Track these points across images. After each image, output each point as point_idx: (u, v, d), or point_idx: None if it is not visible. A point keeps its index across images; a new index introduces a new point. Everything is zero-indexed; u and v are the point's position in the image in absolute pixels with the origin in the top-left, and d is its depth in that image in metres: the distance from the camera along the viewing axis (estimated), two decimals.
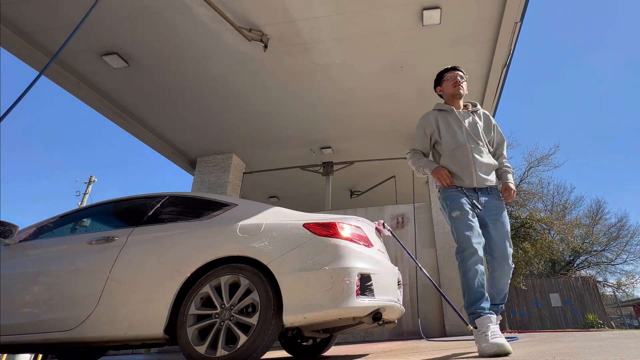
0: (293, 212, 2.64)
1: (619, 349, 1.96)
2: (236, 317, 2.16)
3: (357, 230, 2.49)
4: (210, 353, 2.10)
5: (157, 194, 2.98)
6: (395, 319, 2.69)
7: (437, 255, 6.06)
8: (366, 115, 6.57)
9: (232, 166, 7.56)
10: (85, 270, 2.49)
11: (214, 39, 4.87)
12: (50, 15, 4.49)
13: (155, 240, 2.53)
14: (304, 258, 2.22)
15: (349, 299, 2.11)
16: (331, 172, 7.86)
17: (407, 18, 4.63)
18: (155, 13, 4.50)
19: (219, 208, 2.69)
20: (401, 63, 5.39)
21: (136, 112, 6.36)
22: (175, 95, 5.94)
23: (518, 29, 4.82)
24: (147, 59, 5.19)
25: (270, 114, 6.48)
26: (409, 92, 6.01)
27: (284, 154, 7.76)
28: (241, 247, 2.32)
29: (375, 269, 2.36)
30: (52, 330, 2.35)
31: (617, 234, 20.74)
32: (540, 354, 1.92)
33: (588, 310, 16.55)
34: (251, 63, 5.31)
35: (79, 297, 2.40)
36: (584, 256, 20.60)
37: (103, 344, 2.35)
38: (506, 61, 5.34)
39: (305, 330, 2.34)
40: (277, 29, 4.74)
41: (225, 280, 2.27)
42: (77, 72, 5.39)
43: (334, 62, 5.34)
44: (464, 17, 4.65)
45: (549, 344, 2.68)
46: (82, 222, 2.96)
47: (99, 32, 4.72)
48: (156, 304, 2.28)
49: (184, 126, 6.76)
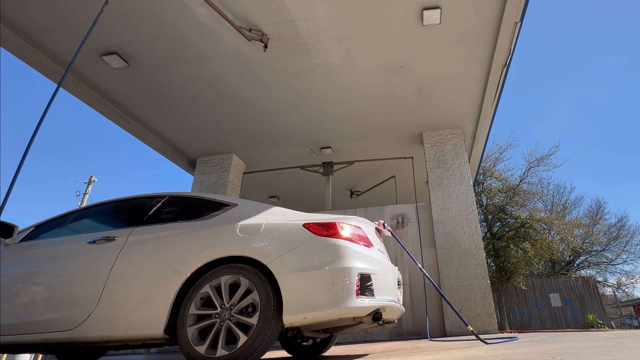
0: (293, 212, 2.64)
1: (619, 349, 1.96)
2: (236, 317, 2.16)
3: (357, 230, 2.49)
4: (210, 353, 2.09)
5: (157, 194, 2.98)
6: (395, 319, 2.69)
7: (437, 255, 6.06)
8: (366, 115, 6.56)
9: (232, 166, 7.56)
10: (85, 270, 2.49)
11: (214, 39, 4.87)
12: (51, 15, 4.49)
13: (155, 241, 2.53)
14: (304, 258, 2.22)
15: (349, 299, 2.11)
16: (331, 172, 7.86)
17: (407, 18, 4.63)
18: (155, 13, 4.50)
19: (219, 208, 2.69)
20: (401, 63, 5.39)
21: (136, 112, 6.36)
22: (176, 95, 5.94)
23: (518, 29, 4.82)
24: (147, 59, 5.18)
25: (270, 114, 6.48)
26: (409, 92, 6.01)
27: (284, 154, 7.76)
28: (241, 247, 2.32)
29: (375, 269, 2.36)
30: (52, 330, 2.35)
31: (617, 234, 20.77)
32: (540, 354, 1.92)
33: (588, 310, 16.55)
34: (251, 63, 5.31)
35: (79, 297, 2.40)
36: (584, 256, 20.61)
37: (103, 344, 2.35)
38: (506, 61, 5.34)
39: (305, 330, 2.34)
40: (277, 29, 4.74)
41: (225, 280, 2.27)
42: (77, 72, 5.39)
43: (334, 62, 5.34)
44: (464, 17, 4.65)
45: (549, 344, 2.68)
46: (82, 222, 2.96)
47: (99, 32, 4.72)
48: (156, 304, 2.28)
49: (184, 126, 6.76)
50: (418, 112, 6.52)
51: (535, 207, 16.11)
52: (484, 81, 5.80)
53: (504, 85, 5.92)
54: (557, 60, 68.53)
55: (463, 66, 5.49)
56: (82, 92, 5.68)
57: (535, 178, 16.99)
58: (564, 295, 17.21)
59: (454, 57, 5.30)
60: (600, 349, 2.03)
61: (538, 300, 17.16)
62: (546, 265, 20.77)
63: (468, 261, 5.91)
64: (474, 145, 7.60)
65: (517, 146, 32.55)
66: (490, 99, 6.15)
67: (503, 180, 15.86)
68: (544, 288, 17.48)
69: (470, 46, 5.11)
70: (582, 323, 15.60)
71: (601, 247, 20.38)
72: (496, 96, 6.11)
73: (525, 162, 18.00)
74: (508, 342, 3.26)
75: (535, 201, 16.48)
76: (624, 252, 20.43)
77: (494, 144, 20.94)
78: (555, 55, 67.74)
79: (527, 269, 15.50)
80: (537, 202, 17.12)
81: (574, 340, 3.15)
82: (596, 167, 57.37)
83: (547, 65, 67.64)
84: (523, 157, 37.76)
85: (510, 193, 15.42)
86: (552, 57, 66.93)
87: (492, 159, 16.56)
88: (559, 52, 68.92)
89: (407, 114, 6.58)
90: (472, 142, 7.52)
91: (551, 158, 17.00)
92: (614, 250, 20.54)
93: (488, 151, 16.45)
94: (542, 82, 70.80)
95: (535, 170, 16.78)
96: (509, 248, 14.36)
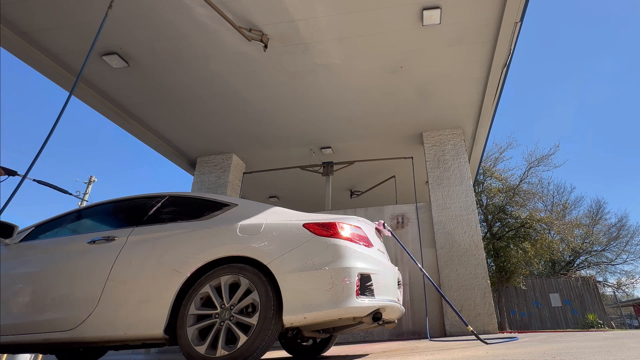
0: (293, 212, 2.64)
1: (619, 349, 1.96)
2: (236, 317, 2.16)
3: (357, 230, 2.49)
4: (210, 353, 2.09)
5: (157, 194, 2.98)
6: (395, 319, 2.69)
7: (437, 255, 6.06)
8: (366, 115, 6.57)
9: (232, 166, 7.56)
10: (85, 270, 2.49)
11: (213, 39, 4.87)
12: (51, 15, 4.49)
13: (155, 241, 2.53)
14: (304, 258, 2.22)
15: (349, 299, 2.11)
16: (331, 172, 7.86)
17: (407, 18, 4.63)
18: (155, 13, 4.50)
19: (219, 208, 2.69)
20: (401, 63, 5.39)
21: (136, 112, 6.36)
22: (175, 95, 5.94)
23: (518, 29, 4.82)
24: (147, 59, 5.18)
25: (270, 114, 6.48)
26: (409, 92, 6.01)
27: (284, 154, 7.76)
28: (241, 247, 2.32)
29: (375, 269, 2.36)
30: (52, 330, 2.35)
31: (617, 234, 20.76)
32: (541, 354, 1.92)
33: (588, 310, 16.55)
34: (251, 63, 5.31)
35: (79, 297, 2.40)
36: (584, 256, 20.60)
37: (103, 344, 2.35)
38: (506, 61, 5.34)
39: (305, 330, 2.34)
40: (277, 29, 4.74)
41: (225, 280, 2.27)
42: (77, 72, 5.39)
43: (334, 62, 5.34)
44: (464, 17, 4.65)
45: (549, 344, 2.68)
46: (82, 222, 2.96)
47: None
48: (156, 304, 2.28)
49: (184, 126, 6.76)
50: (418, 112, 6.52)
51: (535, 207, 16.11)
52: (484, 81, 5.80)
53: (504, 85, 5.92)
54: (557, 60, 68.56)
55: (463, 66, 5.49)
56: (82, 92, 5.68)
57: (535, 178, 17.00)
58: (564, 295, 17.22)
59: (454, 57, 5.30)
60: (600, 349, 2.03)
61: (538, 300, 17.16)
62: (546, 265, 20.77)
63: (468, 261, 5.91)
64: (474, 145, 7.61)
65: (517, 146, 32.59)
66: (490, 99, 6.15)
67: (503, 180, 15.86)
68: (544, 288, 17.48)
69: (470, 46, 5.11)
70: (582, 323, 15.60)
71: (601, 247, 20.37)
72: (496, 96, 6.11)
73: (525, 162, 18.02)
74: (508, 342, 3.26)
75: (535, 201, 16.48)
76: (624, 252, 20.45)
77: (494, 144, 20.94)
78: (556, 55, 67.77)
79: (527, 269, 15.50)
80: (537, 202, 17.12)
81: (574, 340, 3.15)
82: (596, 167, 57.40)
83: (548, 65, 67.66)
84: (523, 157, 37.74)
85: (510, 193, 15.41)
86: (552, 57, 66.96)
87: (492, 159, 16.57)
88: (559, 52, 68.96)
89: (407, 114, 6.58)
90: (472, 142, 7.52)
91: (551, 158, 17.02)
92: (614, 250, 20.55)
93: (488, 151, 16.47)
94: (542, 82, 70.80)
95: (535, 170, 16.79)
96: (509, 248, 14.36)
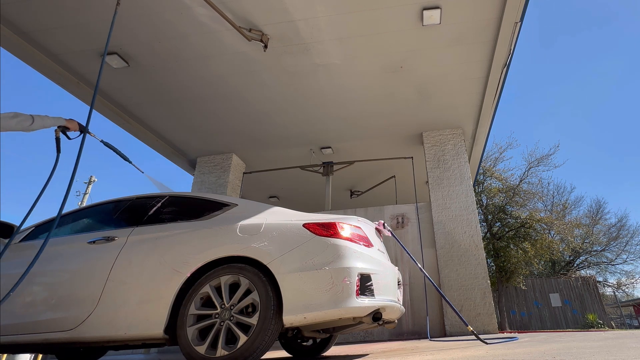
0: (293, 212, 2.64)
1: (619, 349, 1.96)
2: (236, 317, 2.16)
3: (357, 230, 2.49)
4: (210, 353, 2.10)
5: (157, 194, 2.98)
6: (395, 319, 2.69)
7: (437, 255, 6.06)
8: (366, 115, 6.56)
9: (232, 166, 7.56)
10: (85, 270, 2.49)
11: (213, 39, 4.87)
12: (51, 15, 4.48)
13: (155, 241, 2.53)
14: (304, 258, 2.22)
15: (349, 299, 2.11)
16: (331, 172, 7.86)
17: (407, 18, 4.63)
18: (155, 13, 4.50)
19: (219, 208, 2.69)
20: (401, 63, 5.39)
21: (136, 112, 6.36)
22: (175, 95, 5.94)
23: (518, 29, 4.82)
24: (147, 59, 5.18)
25: (270, 114, 6.48)
26: (409, 92, 6.01)
27: (284, 154, 7.76)
28: (241, 247, 2.32)
29: (375, 269, 2.36)
30: (52, 330, 2.35)
31: (617, 234, 20.75)
32: (541, 354, 1.92)
33: (588, 310, 16.55)
34: (251, 63, 5.31)
35: (79, 297, 2.40)
36: (584, 256, 20.60)
37: (103, 344, 2.35)
38: (506, 61, 5.34)
39: (305, 330, 2.34)
40: (277, 29, 4.74)
41: (225, 280, 2.27)
42: (77, 72, 5.39)
43: (334, 62, 5.34)
44: (464, 17, 4.65)
45: (549, 344, 2.68)
46: (82, 222, 2.96)
47: (99, 32, 4.72)
48: (156, 304, 2.28)
49: (184, 126, 6.76)
50: (418, 112, 6.52)
51: (535, 207, 16.11)
52: (484, 81, 5.80)
53: (504, 85, 5.92)
54: (557, 61, 68.57)
55: (463, 66, 5.49)
56: (82, 92, 5.67)
57: (535, 178, 16.99)
58: (564, 295, 17.22)
59: (454, 57, 5.30)
60: (600, 349, 2.03)
61: (538, 300, 17.16)
62: (546, 265, 20.76)
63: (468, 261, 5.91)
64: (474, 145, 7.61)
65: (517, 146, 32.62)
66: (490, 99, 6.15)
67: (503, 180, 15.85)
68: (544, 288, 17.48)
69: (470, 46, 5.11)
70: (582, 323, 15.60)
71: (601, 247, 20.36)
72: (496, 96, 6.11)
73: (525, 162, 18.01)
74: (508, 342, 3.26)
75: (535, 201, 16.48)
76: (624, 252, 20.44)
77: (494, 144, 20.92)
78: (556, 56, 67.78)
79: (527, 269, 15.50)
80: (537, 202, 17.12)
81: (574, 340, 3.15)
82: (596, 167, 57.40)
83: (548, 66, 67.67)
84: (523, 157, 37.81)
85: (510, 193, 15.41)
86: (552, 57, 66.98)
87: (492, 159, 16.56)
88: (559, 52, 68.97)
89: (407, 114, 6.58)
90: (472, 142, 7.52)
91: (551, 158, 17.01)
92: (614, 250, 20.55)
93: (488, 151, 16.46)
94: (542, 82, 70.81)
95: (535, 170, 16.78)
96: (509, 248, 14.36)
